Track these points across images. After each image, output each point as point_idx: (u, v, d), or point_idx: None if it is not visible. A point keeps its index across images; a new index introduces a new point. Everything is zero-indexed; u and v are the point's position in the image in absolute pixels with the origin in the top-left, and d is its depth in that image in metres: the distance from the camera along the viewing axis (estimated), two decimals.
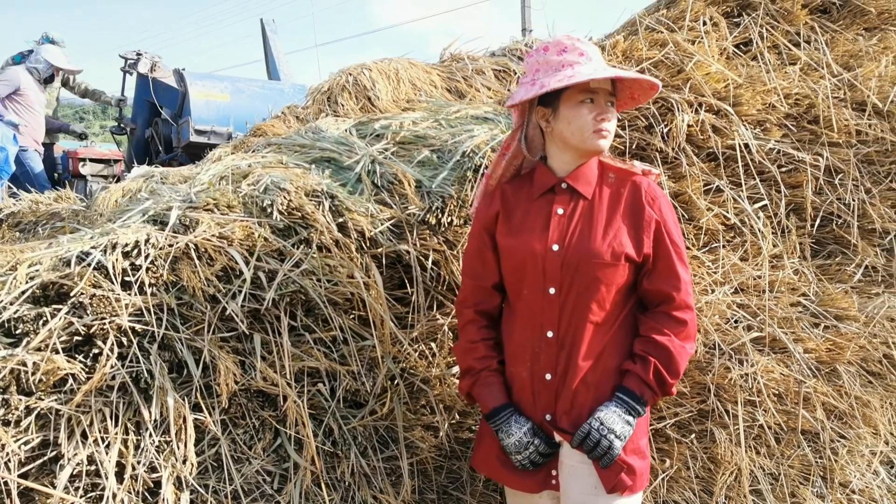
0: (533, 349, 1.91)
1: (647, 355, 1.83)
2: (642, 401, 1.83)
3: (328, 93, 3.71)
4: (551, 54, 1.89)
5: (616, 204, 1.92)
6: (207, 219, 2.30)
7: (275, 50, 9.16)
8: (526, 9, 18.02)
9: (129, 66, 7.55)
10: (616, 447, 1.78)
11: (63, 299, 2.07)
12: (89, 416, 1.99)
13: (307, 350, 2.30)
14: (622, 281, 1.88)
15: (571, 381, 1.86)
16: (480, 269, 2.02)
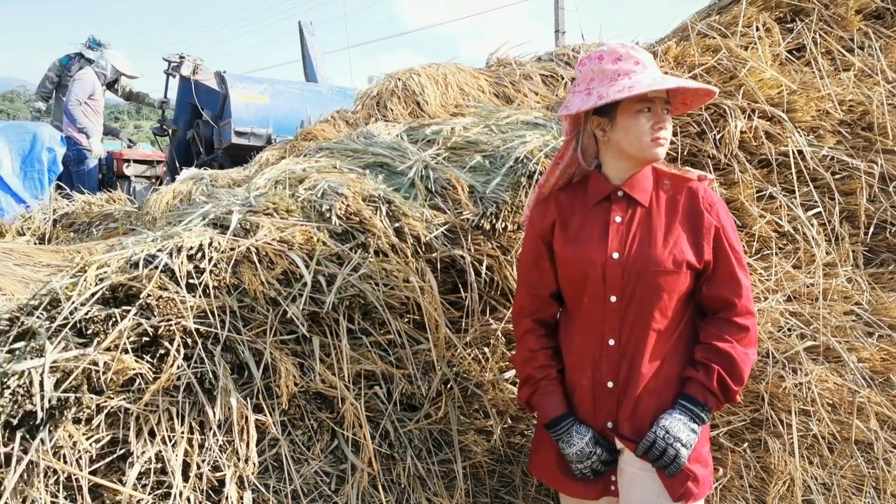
0: (594, 357, 1.91)
1: (710, 362, 1.83)
2: (706, 408, 1.83)
3: (377, 97, 3.75)
4: (606, 63, 1.89)
5: (674, 211, 1.92)
6: (268, 223, 2.35)
7: (312, 52, 9.25)
8: (559, 10, 17.94)
9: (173, 68, 7.68)
10: (682, 456, 1.78)
11: (131, 301, 2.13)
12: (157, 414, 2.04)
13: (364, 353, 2.33)
14: (683, 288, 1.88)
15: (634, 388, 1.87)
16: (537, 278, 2.03)
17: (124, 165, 7.68)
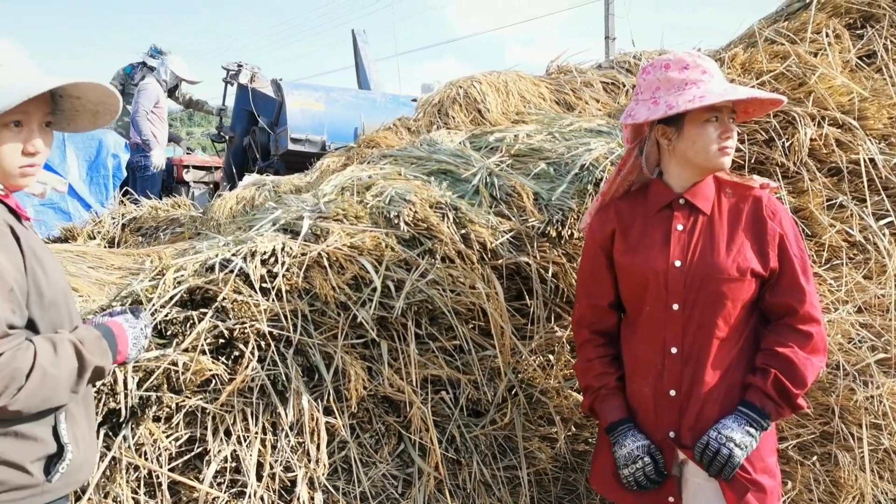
0: (656, 365, 1.90)
1: (768, 367, 1.81)
2: (764, 413, 1.81)
3: (438, 105, 3.78)
4: (673, 72, 1.88)
5: (737, 219, 1.90)
6: (338, 229, 2.39)
7: (366, 60, 9.37)
8: (610, 17, 17.82)
9: (231, 76, 7.86)
10: (736, 456, 1.75)
11: (207, 303, 2.19)
12: (232, 415, 2.10)
13: (431, 358, 2.35)
14: (747, 296, 1.86)
15: (697, 397, 1.85)
16: (596, 288, 2.03)
17: (184, 171, 7.88)
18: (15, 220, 1.45)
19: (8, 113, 1.40)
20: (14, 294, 1.33)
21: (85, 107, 1.58)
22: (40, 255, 1.44)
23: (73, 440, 1.43)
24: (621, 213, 1.99)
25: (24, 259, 1.38)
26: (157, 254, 2.93)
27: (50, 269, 1.45)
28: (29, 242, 1.42)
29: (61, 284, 1.48)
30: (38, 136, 1.47)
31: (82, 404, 1.51)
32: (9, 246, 1.35)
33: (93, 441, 1.55)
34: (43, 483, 1.38)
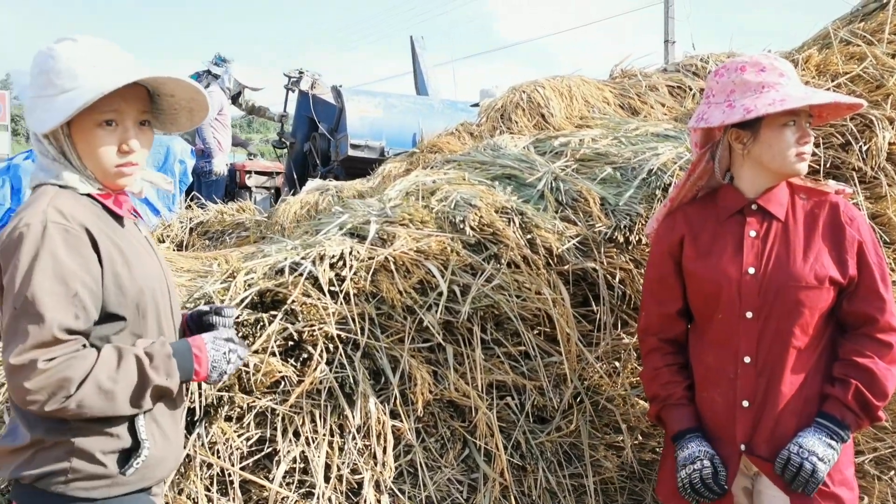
0: (728, 375, 1.85)
1: (848, 377, 1.74)
2: (844, 425, 1.74)
3: (501, 110, 3.78)
4: (749, 74, 1.82)
5: (813, 225, 1.84)
6: (404, 233, 2.40)
7: (423, 66, 9.42)
8: (669, 20, 17.56)
9: (292, 83, 8.00)
10: (820, 471, 1.69)
11: (277, 306, 2.23)
12: (301, 416, 2.13)
13: (496, 363, 2.35)
14: (825, 305, 1.80)
15: (773, 408, 1.80)
16: (664, 295, 1.98)
17: (246, 177, 8.05)
18: (110, 217, 1.48)
19: (100, 112, 1.42)
20: (79, 298, 1.33)
21: (180, 104, 1.60)
22: (127, 253, 1.45)
23: (150, 436, 1.45)
24: (690, 219, 1.95)
25: (100, 259, 1.39)
26: (224, 257, 2.99)
27: (138, 265, 1.46)
28: (116, 240, 1.44)
29: (151, 281, 1.49)
30: (134, 135, 1.48)
31: (168, 403, 1.52)
32: (81, 249, 1.35)
33: (177, 439, 1.57)
34: (117, 475, 1.40)
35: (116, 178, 1.49)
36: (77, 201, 1.43)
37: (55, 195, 1.40)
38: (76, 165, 1.47)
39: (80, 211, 1.40)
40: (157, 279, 1.53)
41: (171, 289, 1.60)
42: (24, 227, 1.33)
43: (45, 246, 1.31)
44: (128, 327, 1.45)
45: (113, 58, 1.48)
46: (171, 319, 1.58)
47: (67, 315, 1.32)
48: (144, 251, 1.54)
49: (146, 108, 1.53)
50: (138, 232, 1.59)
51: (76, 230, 1.35)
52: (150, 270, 1.52)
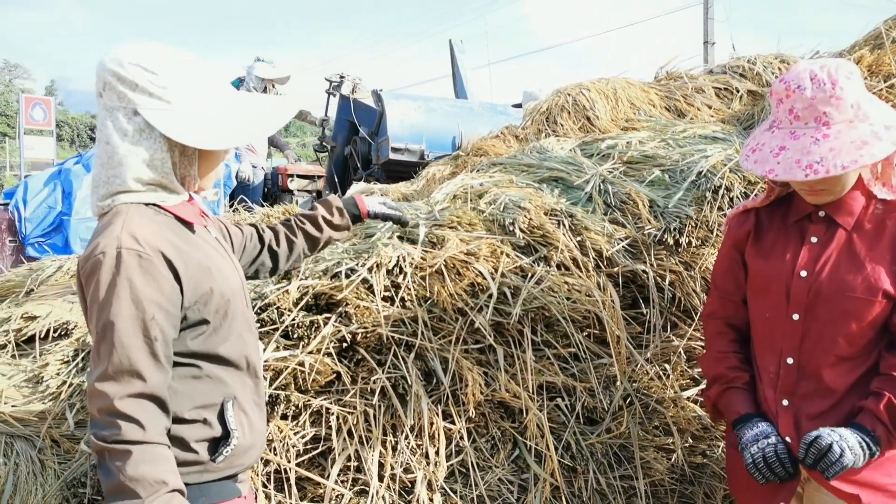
0: (771, 373, 1.84)
1: (882, 390, 1.69)
2: (875, 437, 1.69)
3: (546, 112, 3.79)
4: (773, 98, 1.72)
5: (879, 236, 1.78)
6: (453, 236, 2.43)
7: (462, 69, 9.45)
8: (709, 20, 17.36)
9: (333, 87, 8.09)
10: (847, 458, 1.61)
11: (331, 308, 2.27)
12: (355, 416, 2.17)
13: (546, 365, 2.36)
14: (877, 318, 1.73)
15: (811, 411, 1.77)
16: (731, 284, 1.98)
17: (288, 180, 8.16)
18: (182, 226, 1.52)
19: None
20: (156, 321, 1.37)
21: None
22: (204, 261, 1.50)
23: (239, 426, 1.52)
24: (760, 218, 1.94)
25: (179, 278, 1.42)
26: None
27: (216, 270, 1.52)
28: (191, 252, 1.48)
29: (228, 283, 1.55)
30: None
31: (253, 394, 1.60)
32: (154, 272, 1.38)
33: (262, 428, 1.63)
34: (207, 462, 1.48)
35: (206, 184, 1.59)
36: (149, 219, 1.45)
37: (127, 217, 1.42)
38: (178, 175, 1.51)
39: (152, 230, 1.42)
40: (232, 280, 1.58)
41: (243, 286, 1.65)
42: (101, 254, 1.37)
43: (122, 273, 1.36)
44: (208, 332, 1.50)
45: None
46: (246, 317, 1.62)
47: (146, 340, 1.37)
48: (217, 254, 1.59)
49: None
50: (209, 234, 1.63)
51: (148, 254, 1.38)
52: (226, 273, 1.57)
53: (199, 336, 1.49)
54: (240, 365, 1.56)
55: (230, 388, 1.53)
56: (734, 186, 2.50)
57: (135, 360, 1.35)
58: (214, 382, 1.51)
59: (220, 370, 1.52)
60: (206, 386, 1.50)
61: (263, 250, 1.96)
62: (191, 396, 1.48)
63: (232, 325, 1.54)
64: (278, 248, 1.98)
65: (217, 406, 1.50)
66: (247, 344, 1.59)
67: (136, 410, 1.33)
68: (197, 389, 1.49)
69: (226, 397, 1.51)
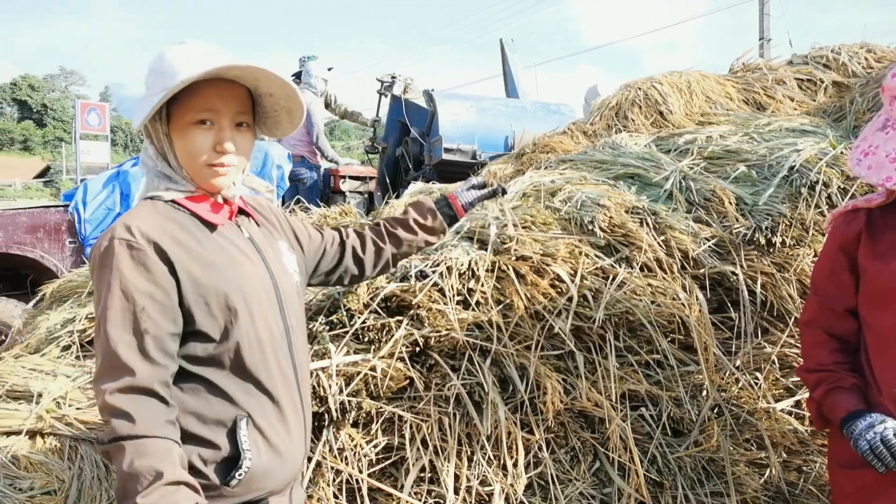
0: (891, 386, 1.67)
1: None
2: None
3: (616, 108, 3.64)
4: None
5: None
6: (528, 237, 2.31)
7: (513, 68, 9.31)
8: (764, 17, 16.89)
9: (385, 88, 8.03)
10: None
11: (402, 311, 2.17)
12: (429, 424, 2.06)
13: (628, 372, 2.22)
14: None
15: None
16: (832, 288, 1.80)
17: (341, 181, 8.12)
18: (199, 223, 1.45)
19: (195, 111, 1.41)
20: (146, 312, 1.31)
21: (280, 104, 1.54)
22: (212, 258, 1.41)
23: (254, 446, 1.40)
24: (873, 218, 1.76)
25: (175, 270, 1.35)
26: None
27: (227, 269, 1.42)
28: (196, 248, 1.40)
29: (244, 283, 1.44)
30: (229, 137, 1.44)
31: (275, 411, 1.46)
32: (146, 263, 1.33)
33: (291, 450, 1.49)
34: (221, 487, 1.36)
35: (210, 178, 1.45)
36: (157, 213, 1.40)
37: (135, 210, 1.40)
38: (173, 165, 1.45)
39: (150, 221, 1.37)
40: (254, 282, 1.47)
41: (277, 291, 1.53)
42: (98, 246, 1.35)
43: (112, 263, 1.32)
44: (216, 337, 1.40)
45: (211, 54, 1.43)
46: (279, 321, 1.51)
47: (135, 332, 1.31)
48: (241, 253, 1.49)
49: (244, 109, 1.49)
50: (239, 233, 1.54)
51: (140, 244, 1.32)
52: (246, 274, 1.46)
53: (206, 342, 1.40)
54: (257, 378, 1.43)
55: (242, 405, 1.40)
56: (832, 182, 2.33)
57: (123, 353, 1.28)
58: (224, 397, 1.39)
59: (232, 384, 1.40)
60: (215, 401, 1.39)
61: (346, 255, 1.85)
62: (198, 412, 1.37)
63: (246, 333, 1.42)
64: (363, 254, 1.87)
65: (227, 424, 1.38)
66: (266, 357, 1.45)
67: (126, 404, 1.26)
68: (205, 405, 1.38)
69: (238, 415, 1.39)
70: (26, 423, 2.44)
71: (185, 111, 1.42)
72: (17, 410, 2.51)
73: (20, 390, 2.61)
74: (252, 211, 1.63)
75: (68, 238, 6.25)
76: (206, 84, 1.42)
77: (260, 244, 1.56)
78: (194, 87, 1.40)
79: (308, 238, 1.77)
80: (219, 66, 1.38)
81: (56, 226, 6.26)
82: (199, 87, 1.41)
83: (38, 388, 2.59)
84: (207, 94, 1.41)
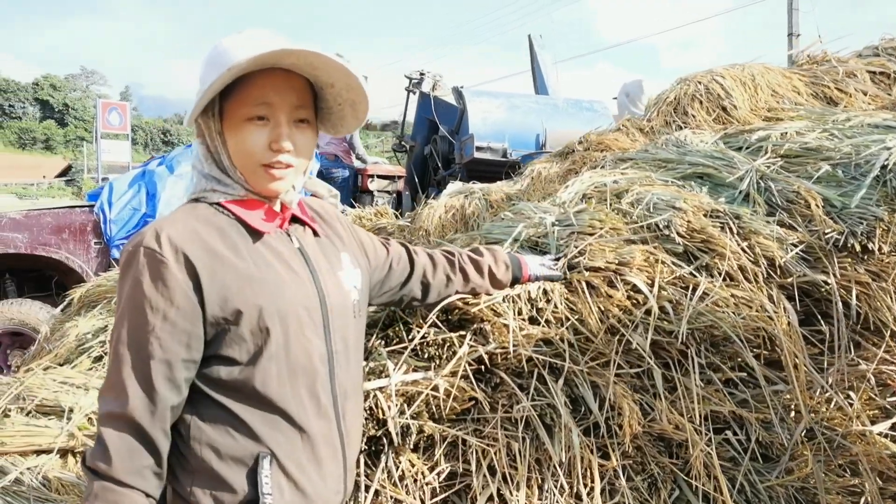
0: None
1: None
2: None
3: (674, 103, 3.44)
4: None
5: None
6: (597, 244, 2.13)
7: (542, 64, 9.12)
8: (793, 12, 16.51)
9: (413, 85, 7.86)
10: None
11: (464, 325, 1.99)
12: (496, 448, 1.88)
13: (710, 392, 2.03)
14: None
15: None
16: None
17: (369, 181, 7.96)
18: (244, 230, 1.30)
19: (250, 105, 1.26)
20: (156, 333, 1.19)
21: (342, 96, 1.37)
22: (250, 271, 1.26)
23: (276, 489, 1.24)
24: None
25: (201, 285, 1.22)
26: None
27: (267, 282, 1.27)
28: (233, 259, 1.26)
29: (284, 298, 1.29)
30: (287, 134, 1.28)
31: (309, 447, 1.30)
32: (166, 277, 1.20)
33: (323, 490, 1.33)
34: None
35: (265, 181, 1.30)
36: (195, 217, 1.28)
37: (172, 215, 1.29)
38: (226, 166, 1.31)
39: (182, 228, 1.24)
40: (294, 297, 1.31)
41: (328, 308, 1.37)
42: (125, 250, 1.25)
43: (132, 273, 1.21)
44: (242, 358, 1.25)
45: (264, 40, 1.27)
46: (320, 345, 1.35)
47: (139, 354, 1.19)
48: (284, 266, 1.33)
49: (303, 103, 1.32)
50: (288, 244, 1.37)
51: (164, 255, 1.20)
52: (284, 287, 1.30)
53: (230, 365, 1.25)
54: (285, 410, 1.27)
55: (267, 441, 1.25)
56: None
57: (124, 374, 1.18)
58: (247, 431, 1.24)
59: (256, 416, 1.25)
60: (237, 434, 1.24)
61: (413, 277, 1.71)
62: (217, 447, 1.23)
63: (276, 358, 1.26)
64: (432, 279, 1.74)
65: (248, 463, 1.24)
66: (297, 385, 1.29)
67: (109, 437, 1.17)
68: (225, 438, 1.24)
69: (261, 453, 1.24)
70: (57, 442, 2.30)
71: (239, 106, 1.27)
72: (48, 427, 2.37)
73: (50, 405, 2.47)
74: (311, 218, 1.46)
75: (94, 239, 6.14)
76: (262, 75, 1.26)
77: (312, 256, 1.39)
78: (248, 79, 1.26)
79: (374, 252, 1.61)
80: (268, 51, 1.21)
81: (81, 226, 6.14)
82: (253, 78, 1.26)
83: (69, 402, 2.45)
84: (262, 86, 1.26)
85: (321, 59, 1.26)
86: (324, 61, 1.27)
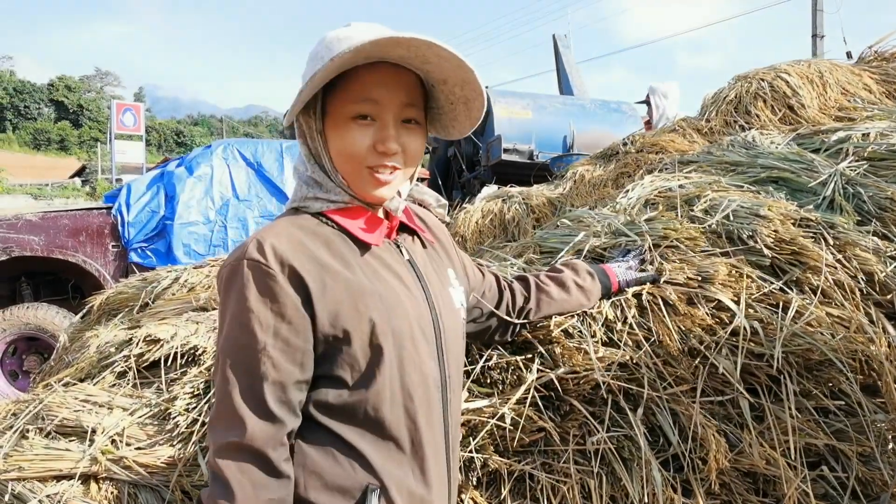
0: None
1: None
2: None
3: (734, 102, 3.23)
4: None
5: None
6: (674, 256, 1.92)
7: (567, 65, 8.92)
8: (817, 13, 16.24)
9: None
10: None
11: (528, 347, 1.80)
12: (569, 485, 1.68)
13: (803, 422, 1.82)
14: None
15: None
16: None
17: None
18: (349, 241, 1.18)
19: (354, 102, 1.14)
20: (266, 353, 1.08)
21: (455, 93, 1.23)
22: (361, 286, 1.14)
23: None
24: None
25: (312, 301, 1.10)
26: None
27: (382, 296, 1.14)
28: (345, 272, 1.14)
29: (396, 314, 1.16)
30: (394, 135, 1.15)
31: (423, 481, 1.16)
32: (276, 292, 1.09)
33: None
34: None
35: (369, 186, 1.17)
36: (299, 227, 1.18)
37: (273, 224, 1.18)
38: (327, 169, 1.19)
39: (288, 239, 1.14)
40: (408, 315, 1.18)
41: (442, 328, 1.23)
42: (226, 266, 1.15)
43: (237, 288, 1.11)
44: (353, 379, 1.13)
45: (370, 31, 1.13)
46: (435, 369, 1.21)
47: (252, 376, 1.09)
48: (396, 280, 1.20)
49: (412, 101, 1.19)
50: (398, 256, 1.24)
51: (271, 268, 1.10)
52: (398, 303, 1.17)
53: (341, 388, 1.12)
54: (398, 439, 1.14)
55: (378, 471, 1.12)
56: None
57: (237, 401, 1.08)
58: (357, 459, 1.12)
59: (367, 443, 1.13)
60: (345, 462, 1.12)
61: (500, 308, 1.58)
62: (323, 475, 1.10)
63: (390, 380, 1.13)
64: (512, 316, 1.61)
65: (355, 495, 1.10)
66: (413, 412, 1.16)
67: (230, 470, 1.05)
68: (333, 466, 1.11)
69: (370, 485, 1.10)
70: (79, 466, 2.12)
71: (342, 103, 1.15)
72: (69, 451, 2.18)
73: (71, 426, 2.29)
74: (419, 227, 1.31)
75: (111, 242, 5.99)
76: (367, 70, 1.14)
77: (422, 269, 1.24)
78: (353, 74, 1.13)
79: (474, 274, 1.46)
80: (373, 39, 1.06)
81: (99, 229, 5.99)
82: (358, 73, 1.14)
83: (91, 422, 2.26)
84: (367, 82, 1.14)
85: (434, 49, 1.11)
86: (436, 52, 1.12)
